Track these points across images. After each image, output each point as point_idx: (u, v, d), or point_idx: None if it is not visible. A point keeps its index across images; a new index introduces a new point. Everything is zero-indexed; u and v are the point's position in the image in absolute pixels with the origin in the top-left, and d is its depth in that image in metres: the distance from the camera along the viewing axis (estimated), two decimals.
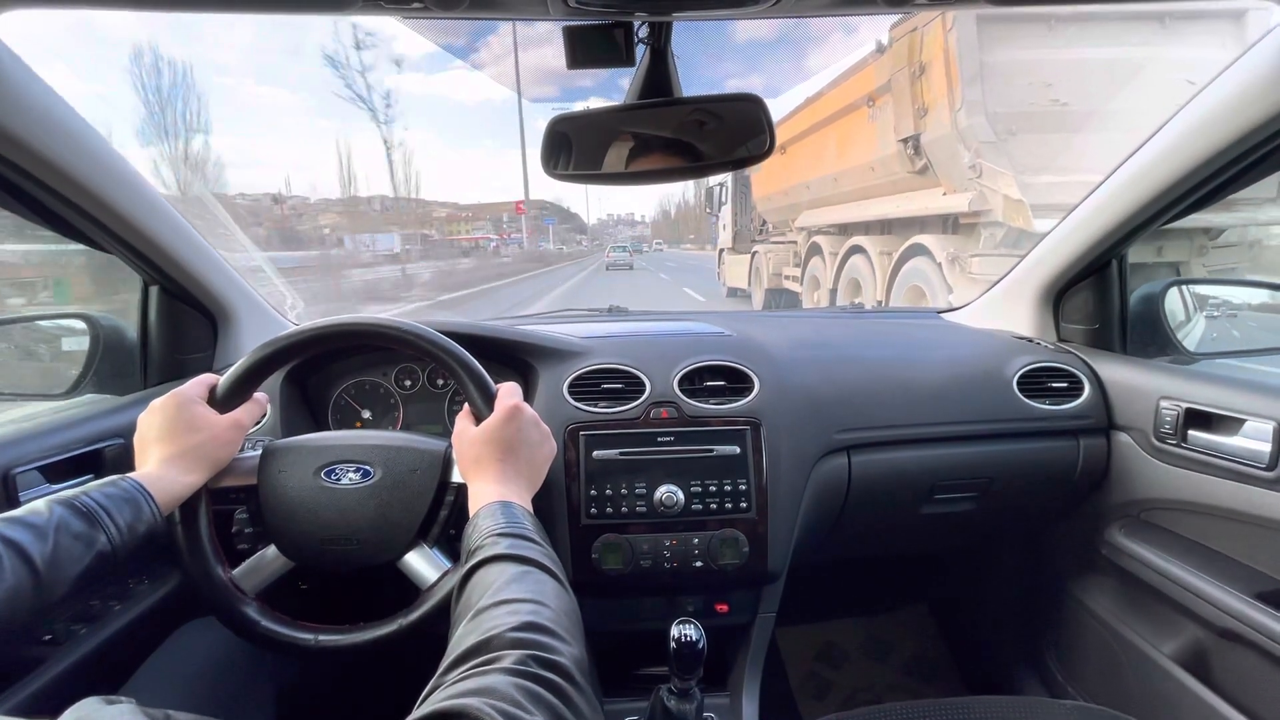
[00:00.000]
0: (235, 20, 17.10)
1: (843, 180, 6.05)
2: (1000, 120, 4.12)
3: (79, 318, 1.05)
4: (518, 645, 0.45)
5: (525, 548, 0.59)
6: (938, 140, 4.51)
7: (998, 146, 4.12)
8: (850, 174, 5.87)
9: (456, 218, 76.84)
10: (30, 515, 0.57)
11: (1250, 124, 0.82)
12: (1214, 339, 1.33)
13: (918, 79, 4.64)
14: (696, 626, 0.81)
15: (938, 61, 4.33)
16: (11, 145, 0.74)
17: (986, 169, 4.15)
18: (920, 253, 5.01)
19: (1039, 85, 4.08)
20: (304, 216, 34.26)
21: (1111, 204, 1.07)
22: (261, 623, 0.76)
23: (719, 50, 26.01)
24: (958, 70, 4.14)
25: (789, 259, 8.01)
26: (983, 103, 4.12)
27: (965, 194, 4.40)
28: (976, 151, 4.19)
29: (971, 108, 4.13)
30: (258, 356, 0.77)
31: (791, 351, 1.16)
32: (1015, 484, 1.15)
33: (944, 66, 4.27)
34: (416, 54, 76.94)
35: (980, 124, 4.12)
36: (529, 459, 0.75)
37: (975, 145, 4.19)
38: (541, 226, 67.45)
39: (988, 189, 4.20)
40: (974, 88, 4.11)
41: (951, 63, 4.17)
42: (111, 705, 0.39)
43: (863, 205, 5.87)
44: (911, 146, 4.81)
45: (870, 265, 5.77)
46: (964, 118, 4.17)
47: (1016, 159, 4.07)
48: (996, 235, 4.32)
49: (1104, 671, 1.19)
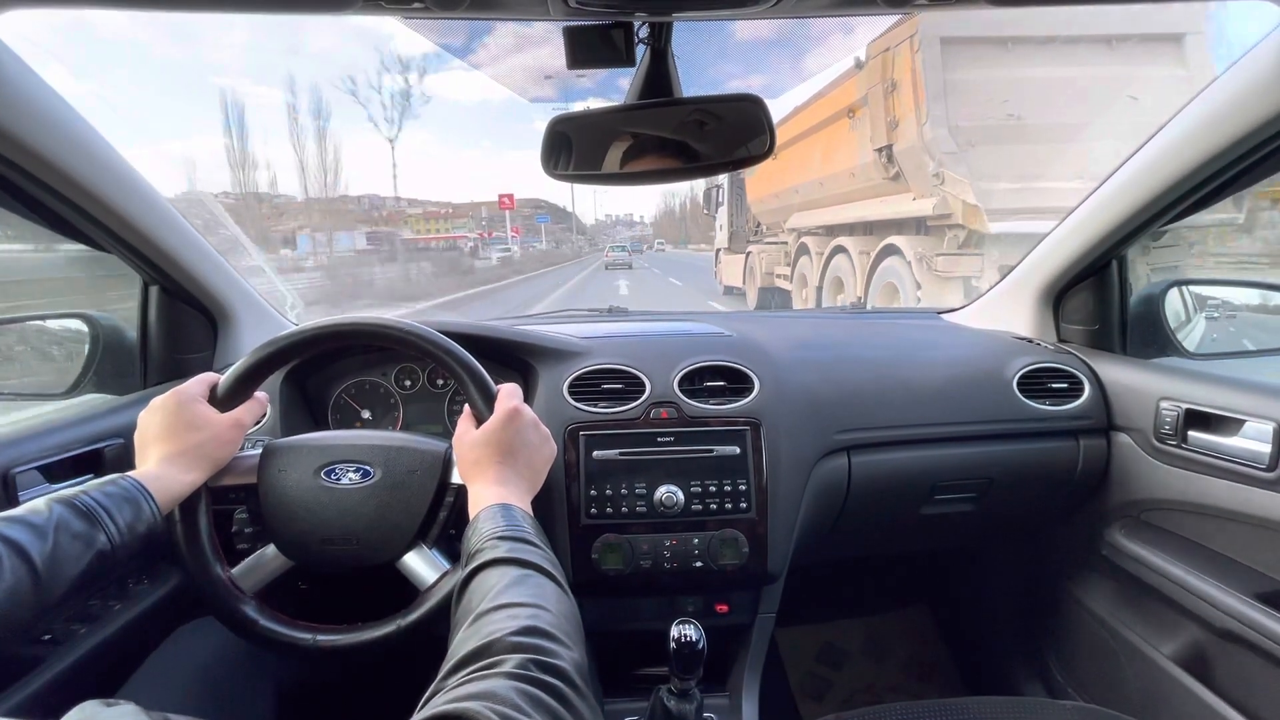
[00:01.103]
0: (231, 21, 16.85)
1: (827, 185, 6.56)
2: (961, 133, 4.62)
3: (79, 318, 1.05)
4: (518, 650, 0.45)
5: (526, 551, 0.59)
6: (907, 150, 4.99)
7: (958, 156, 4.61)
8: (834, 179, 6.36)
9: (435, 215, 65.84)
10: (30, 514, 0.57)
11: (1250, 124, 0.82)
12: (1214, 340, 1.33)
13: (890, 95, 5.12)
14: (696, 627, 0.81)
15: (906, 79, 4.83)
16: (11, 145, 0.74)
17: (948, 177, 4.66)
18: (894, 252, 5.53)
19: (996, 101, 4.61)
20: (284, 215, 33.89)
21: (1111, 204, 1.07)
22: (260, 622, 0.76)
23: (719, 50, 26.30)
24: (924, 88, 4.64)
25: (781, 258, 8.41)
26: (945, 117, 4.62)
27: (931, 199, 4.90)
28: (940, 161, 4.69)
29: (935, 121, 4.63)
30: (259, 356, 0.77)
31: (791, 352, 1.16)
32: (1015, 485, 1.15)
33: (912, 84, 4.76)
34: (414, 54, 76.45)
35: (943, 136, 4.62)
36: (529, 461, 0.75)
37: (939, 155, 4.68)
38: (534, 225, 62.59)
39: (949, 195, 4.70)
40: (938, 104, 4.62)
41: (918, 81, 4.67)
42: (112, 708, 0.39)
43: (845, 208, 6.39)
44: (885, 155, 5.28)
45: (851, 264, 6.30)
46: (929, 130, 4.67)
47: (975, 168, 4.58)
48: (959, 237, 4.83)
49: (1104, 672, 1.19)
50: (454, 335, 0.82)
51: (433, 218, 65.56)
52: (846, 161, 6.00)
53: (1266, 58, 0.78)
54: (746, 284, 9.61)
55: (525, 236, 60.05)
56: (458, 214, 66.91)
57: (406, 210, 61.86)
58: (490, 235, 48.83)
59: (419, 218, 64.30)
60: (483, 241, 44.46)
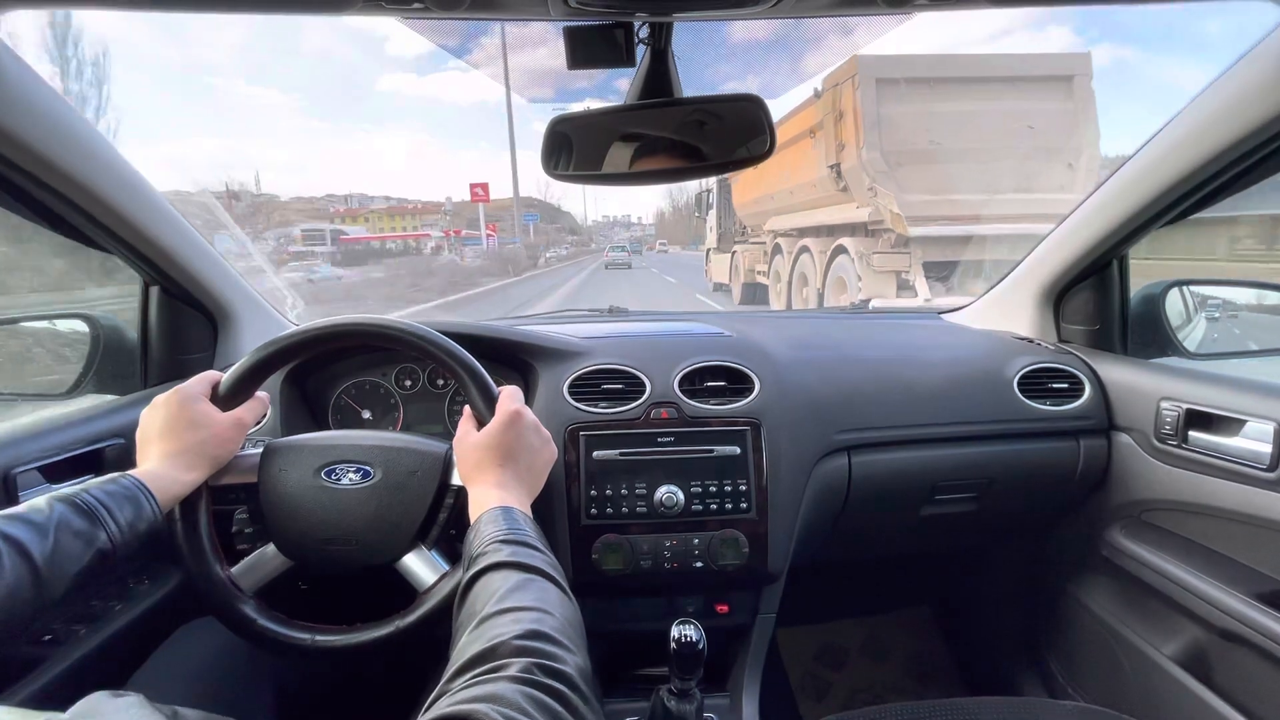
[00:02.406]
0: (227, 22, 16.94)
1: (795, 194, 7.76)
2: (890, 155, 5.83)
3: (79, 318, 1.05)
4: (523, 653, 0.45)
5: (528, 555, 0.59)
6: (850, 168, 6.21)
7: (888, 174, 5.83)
8: (801, 189, 7.57)
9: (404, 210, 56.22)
10: (30, 512, 0.57)
11: (1250, 125, 0.82)
12: (1215, 340, 1.32)
13: (838, 122, 6.28)
14: (696, 627, 0.81)
15: (850, 111, 6.01)
16: (11, 145, 0.74)
17: (880, 191, 5.88)
18: (843, 251, 6.77)
19: (919, 130, 5.81)
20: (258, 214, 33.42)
21: (1112, 205, 1.07)
22: (259, 621, 0.76)
23: (719, 51, 26.35)
24: (862, 119, 5.82)
25: (760, 257, 9.59)
26: (879, 143, 5.81)
27: (868, 208, 6.17)
28: (873, 178, 5.89)
29: (870, 146, 5.82)
30: (261, 355, 0.77)
31: (792, 352, 1.16)
32: (1016, 485, 1.15)
33: (854, 115, 5.94)
34: (410, 55, 76.12)
35: (876, 158, 5.84)
36: (529, 464, 0.75)
37: (873, 173, 5.87)
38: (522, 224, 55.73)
39: (881, 205, 5.91)
40: (873, 132, 5.80)
41: (858, 113, 5.85)
42: (119, 698, 0.39)
43: (809, 214, 7.60)
44: (835, 171, 6.49)
45: (814, 261, 7.47)
46: (865, 153, 5.86)
47: (901, 183, 5.80)
48: (890, 239, 6.06)
49: (1104, 672, 1.19)
50: (454, 335, 0.82)
51: (399, 214, 56.43)
52: (809, 174, 7.19)
53: (1266, 58, 0.78)
54: (731, 280, 10.92)
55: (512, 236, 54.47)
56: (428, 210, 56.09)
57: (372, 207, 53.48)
58: (459, 233, 41.65)
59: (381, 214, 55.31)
60: (451, 241, 38.62)
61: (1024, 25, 54.22)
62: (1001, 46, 60.75)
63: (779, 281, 8.57)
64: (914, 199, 5.72)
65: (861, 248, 6.37)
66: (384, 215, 54.60)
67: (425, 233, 45.48)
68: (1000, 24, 73.94)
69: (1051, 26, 31.20)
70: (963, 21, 65.37)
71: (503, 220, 59.11)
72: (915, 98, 5.81)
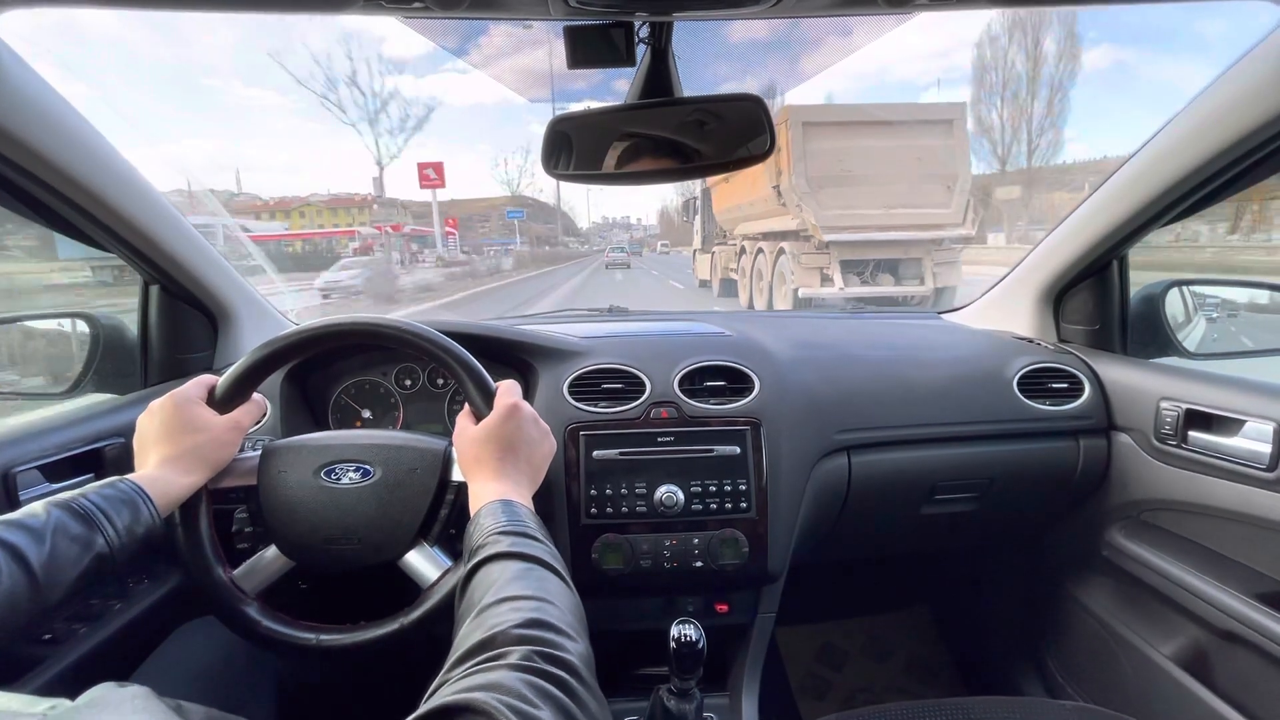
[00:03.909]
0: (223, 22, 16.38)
1: (754, 205, 9.48)
2: (813, 180, 7.90)
3: (79, 317, 1.05)
4: (523, 641, 0.45)
5: (528, 545, 0.59)
6: (785, 188, 8.09)
7: (810, 194, 7.90)
8: (756, 202, 9.32)
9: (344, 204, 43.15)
10: (27, 518, 0.57)
11: (1250, 125, 0.82)
12: (1215, 340, 1.32)
13: (778, 154, 7.51)
14: (696, 626, 0.81)
15: (784, 144, 7.87)
16: (11, 145, 0.74)
17: (805, 206, 7.91)
18: (783, 253, 8.61)
19: (835, 160, 7.87)
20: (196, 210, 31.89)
21: (1112, 205, 1.07)
22: (262, 623, 0.76)
23: (719, 51, 26.13)
24: (791, 152, 7.86)
25: (732, 257, 11.25)
26: (805, 170, 7.88)
27: (797, 220, 8.18)
28: (800, 196, 7.90)
29: (797, 174, 7.88)
30: (257, 356, 0.76)
31: (791, 352, 1.16)
32: (1015, 485, 1.15)
33: (786, 148, 7.90)
34: (410, 57, 75.42)
35: (802, 182, 7.89)
36: (529, 457, 0.75)
37: (799, 193, 7.89)
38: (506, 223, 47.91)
39: (805, 218, 8.00)
40: (800, 162, 7.90)
41: (789, 146, 7.87)
42: (125, 689, 0.39)
43: (763, 222, 9.35)
44: (776, 190, 8.30)
45: (767, 261, 9.21)
46: (793, 179, 7.89)
47: (819, 201, 7.89)
48: (814, 243, 8.07)
49: (1104, 672, 1.19)
50: (454, 335, 0.82)
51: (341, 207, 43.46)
52: (763, 190, 8.81)
53: (1266, 58, 0.78)
54: (712, 277, 12.98)
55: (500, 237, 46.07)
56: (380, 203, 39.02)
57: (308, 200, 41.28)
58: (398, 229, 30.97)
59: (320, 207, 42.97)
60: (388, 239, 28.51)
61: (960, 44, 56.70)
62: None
63: (744, 277, 10.43)
64: (830, 213, 7.84)
65: (795, 249, 8.33)
66: (323, 209, 43.48)
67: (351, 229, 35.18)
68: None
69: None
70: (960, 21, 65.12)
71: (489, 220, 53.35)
72: (833, 136, 7.91)
